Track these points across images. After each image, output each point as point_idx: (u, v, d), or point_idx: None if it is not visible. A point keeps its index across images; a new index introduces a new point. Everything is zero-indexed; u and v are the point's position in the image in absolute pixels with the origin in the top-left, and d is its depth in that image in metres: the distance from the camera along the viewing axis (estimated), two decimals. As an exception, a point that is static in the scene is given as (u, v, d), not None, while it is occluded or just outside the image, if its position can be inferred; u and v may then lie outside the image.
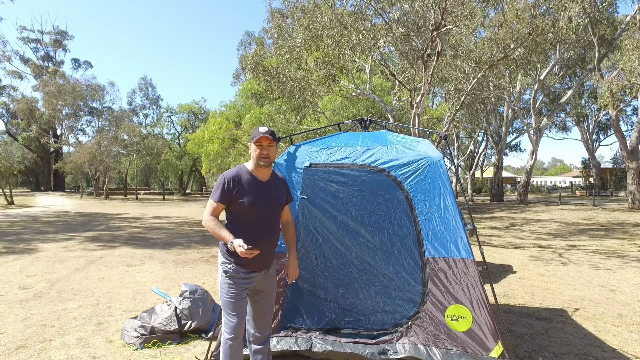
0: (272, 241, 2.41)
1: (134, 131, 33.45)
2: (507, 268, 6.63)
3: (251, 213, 2.32)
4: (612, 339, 3.52)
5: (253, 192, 2.34)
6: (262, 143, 2.33)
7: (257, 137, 2.32)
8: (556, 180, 61.72)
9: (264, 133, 2.32)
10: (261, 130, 2.34)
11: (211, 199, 2.32)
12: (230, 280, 2.30)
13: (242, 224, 2.33)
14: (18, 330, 3.62)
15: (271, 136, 2.34)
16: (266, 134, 2.32)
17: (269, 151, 2.34)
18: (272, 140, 2.34)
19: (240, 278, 2.31)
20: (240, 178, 2.33)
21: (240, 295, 2.31)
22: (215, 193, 2.31)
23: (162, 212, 19.78)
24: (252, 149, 2.37)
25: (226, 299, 2.30)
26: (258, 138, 2.32)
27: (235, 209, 2.33)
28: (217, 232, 2.24)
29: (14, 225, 12.69)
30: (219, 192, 2.30)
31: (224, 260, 2.33)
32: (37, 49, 44.43)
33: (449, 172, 21.86)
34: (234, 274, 2.30)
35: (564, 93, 24.62)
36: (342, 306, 2.96)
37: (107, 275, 5.88)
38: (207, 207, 2.33)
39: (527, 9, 10.67)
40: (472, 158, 34.39)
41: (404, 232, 2.89)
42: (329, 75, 13.30)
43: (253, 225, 2.33)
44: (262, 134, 2.32)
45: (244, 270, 2.31)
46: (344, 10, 11.53)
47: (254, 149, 2.34)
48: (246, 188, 2.32)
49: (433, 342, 2.71)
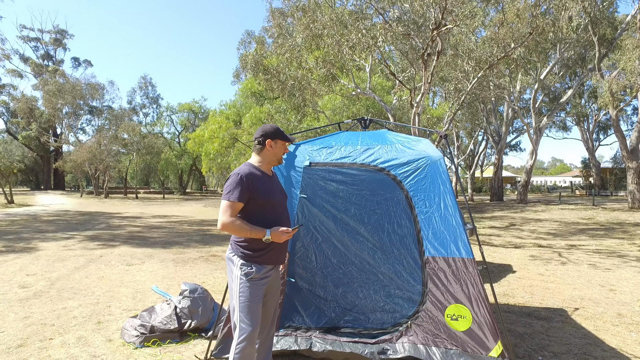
0: None
1: (134, 130, 33.44)
2: (507, 267, 6.63)
3: (268, 207, 2.31)
4: (611, 339, 3.53)
5: (267, 187, 2.33)
6: (287, 146, 2.49)
7: (288, 140, 2.45)
8: (556, 179, 61.73)
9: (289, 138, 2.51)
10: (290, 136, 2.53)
11: (228, 200, 2.19)
12: (251, 282, 2.22)
13: (260, 220, 2.26)
14: (18, 329, 3.62)
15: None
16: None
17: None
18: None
19: (261, 278, 2.27)
20: (254, 175, 2.30)
21: (260, 297, 2.27)
22: (234, 193, 2.19)
23: (162, 211, 19.78)
24: (275, 146, 2.39)
25: (248, 303, 2.20)
26: (288, 141, 2.45)
27: (252, 206, 2.26)
28: (247, 231, 2.18)
29: (13, 224, 12.69)
30: (238, 191, 2.19)
31: (243, 262, 2.25)
32: (37, 48, 44.40)
33: (449, 171, 21.85)
34: (257, 274, 2.24)
35: (564, 93, 24.61)
36: (342, 305, 2.96)
37: (107, 274, 5.88)
38: (224, 209, 2.19)
39: (527, 9, 10.67)
40: (472, 157, 34.39)
41: (404, 231, 2.89)
42: (329, 75, 13.31)
43: (269, 219, 2.29)
44: (292, 138, 2.57)
45: (265, 269, 2.28)
46: (344, 10, 11.54)
47: (281, 149, 2.42)
48: (262, 184, 2.30)
49: (433, 341, 2.71)
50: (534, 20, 10.33)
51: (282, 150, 2.42)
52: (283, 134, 2.41)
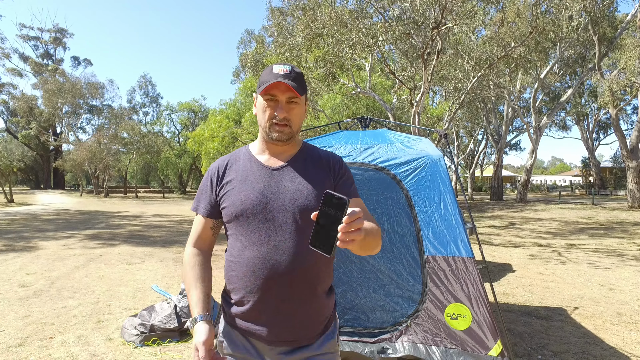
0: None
1: (134, 129, 33.43)
2: (507, 267, 6.63)
3: (239, 225, 1.31)
4: (610, 338, 3.53)
5: (245, 185, 1.33)
6: (275, 95, 1.22)
7: (269, 82, 1.20)
8: (556, 179, 61.72)
9: (281, 78, 1.19)
10: (277, 71, 1.21)
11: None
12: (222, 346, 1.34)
13: (233, 250, 1.32)
14: (18, 328, 3.62)
15: (295, 84, 1.20)
16: (284, 80, 1.19)
17: (288, 112, 1.24)
18: (295, 91, 1.20)
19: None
20: (228, 162, 1.38)
21: None
22: (195, 199, 1.46)
23: (162, 211, 19.78)
24: (256, 104, 1.30)
25: None
26: (271, 85, 1.20)
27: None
28: (187, 287, 1.36)
29: (13, 223, 12.69)
30: (198, 197, 1.46)
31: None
32: (37, 47, 44.37)
33: (449, 170, 21.85)
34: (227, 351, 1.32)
35: (564, 92, 24.61)
36: (342, 304, 2.96)
37: (107, 273, 5.89)
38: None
39: (527, 8, 10.66)
40: (472, 157, 34.40)
41: (404, 230, 2.89)
42: (329, 74, 13.30)
43: (239, 250, 1.29)
44: (278, 77, 1.19)
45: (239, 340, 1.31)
46: (344, 9, 11.53)
47: (263, 108, 1.25)
48: (235, 179, 1.36)
49: (432, 340, 2.71)
50: (534, 19, 10.33)
51: (267, 111, 1.24)
52: (262, 80, 1.24)
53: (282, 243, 1.22)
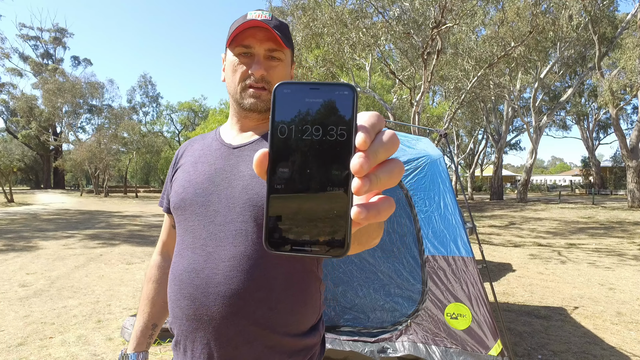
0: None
1: (134, 129, 33.45)
2: (507, 266, 6.63)
3: (181, 221, 1.01)
4: (610, 337, 3.53)
5: (195, 169, 1.05)
6: (250, 45, 0.89)
7: (242, 28, 0.88)
8: (556, 178, 61.73)
9: (255, 18, 0.87)
10: (253, 17, 0.87)
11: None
12: None
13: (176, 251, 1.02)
14: (18, 328, 3.62)
15: (278, 32, 0.87)
16: (263, 22, 0.87)
17: (267, 70, 0.90)
18: (279, 40, 0.88)
19: None
20: (187, 147, 1.12)
21: None
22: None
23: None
24: (227, 66, 0.94)
25: None
26: (244, 31, 0.88)
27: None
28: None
29: (13, 222, 12.69)
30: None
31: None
32: (37, 47, 44.40)
33: (449, 170, 21.85)
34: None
35: (564, 91, 24.61)
36: (342, 304, 2.97)
37: (107, 273, 5.89)
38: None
39: (527, 7, 10.67)
40: (472, 156, 34.41)
41: (404, 230, 2.89)
42: (329, 73, 13.30)
43: (179, 250, 0.98)
44: (250, 19, 0.87)
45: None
46: (344, 8, 11.52)
47: (233, 66, 0.92)
48: (188, 164, 1.12)
49: (432, 340, 2.71)
50: (534, 19, 10.33)
51: (239, 70, 0.90)
52: (234, 26, 0.89)
53: (219, 250, 0.81)
